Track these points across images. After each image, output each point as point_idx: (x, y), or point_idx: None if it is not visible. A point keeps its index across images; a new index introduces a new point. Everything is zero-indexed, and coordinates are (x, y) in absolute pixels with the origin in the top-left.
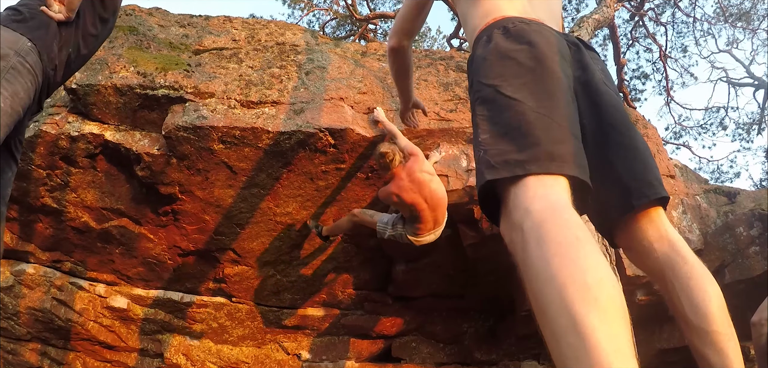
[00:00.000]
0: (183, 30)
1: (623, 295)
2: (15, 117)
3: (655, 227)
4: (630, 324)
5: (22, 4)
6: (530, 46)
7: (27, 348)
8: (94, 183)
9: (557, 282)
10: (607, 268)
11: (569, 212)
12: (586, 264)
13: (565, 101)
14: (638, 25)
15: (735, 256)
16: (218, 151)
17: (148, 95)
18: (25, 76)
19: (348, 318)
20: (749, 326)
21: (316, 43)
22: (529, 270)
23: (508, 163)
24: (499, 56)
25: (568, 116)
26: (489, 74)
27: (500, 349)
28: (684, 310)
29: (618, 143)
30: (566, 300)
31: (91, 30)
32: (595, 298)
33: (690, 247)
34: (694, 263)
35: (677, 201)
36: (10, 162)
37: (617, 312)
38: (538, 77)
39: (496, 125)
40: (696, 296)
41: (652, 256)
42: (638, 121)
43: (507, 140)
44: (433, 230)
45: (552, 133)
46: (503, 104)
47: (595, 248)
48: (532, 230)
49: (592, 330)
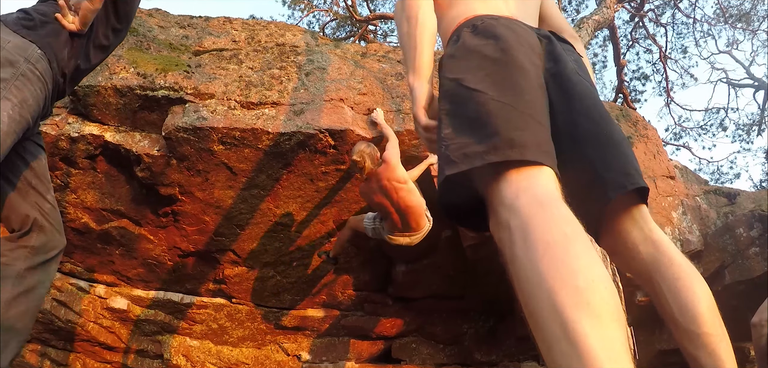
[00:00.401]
0: (183, 31)
1: (618, 294)
2: (23, 124)
3: (639, 228)
4: (626, 326)
5: (33, 9)
6: (496, 40)
7: (27, 349)
8: (94, 184)
9: (547, 285)
10: (600, 267)
11: (557, 206)
12: (576, 265)
13: (531, 90)
14: (638, 26)
15: (735, 257)
16: (218, 152)
17: (148, 96)
18: (35, 83)
19: (348, 319)
20: (749, 327)
21: (316, 44)
22: (518, 273)
23: (468, 156)
24: (465, 52)
25: (533, 105)
26: (453, 69)
27: (500, 350)
28: (673, 312)
29: (592, 133)
30: (557, 304)
31: (102, 41)
32: (587, 302)
33: (690, 248)
34: (681, 264)
35: (677, 202)
36: (38, 150)
37: (611, 315)
38: (501, 68)
39: (457, 118)
40: (684, 297)
41: (638, 258)
42: (638, 122)
43: (468, 133)
44: (407, 234)
45: (513, 121)
46: (465, 97)
47: (586, 245)
48: (518, 229)
49: (585, 337)
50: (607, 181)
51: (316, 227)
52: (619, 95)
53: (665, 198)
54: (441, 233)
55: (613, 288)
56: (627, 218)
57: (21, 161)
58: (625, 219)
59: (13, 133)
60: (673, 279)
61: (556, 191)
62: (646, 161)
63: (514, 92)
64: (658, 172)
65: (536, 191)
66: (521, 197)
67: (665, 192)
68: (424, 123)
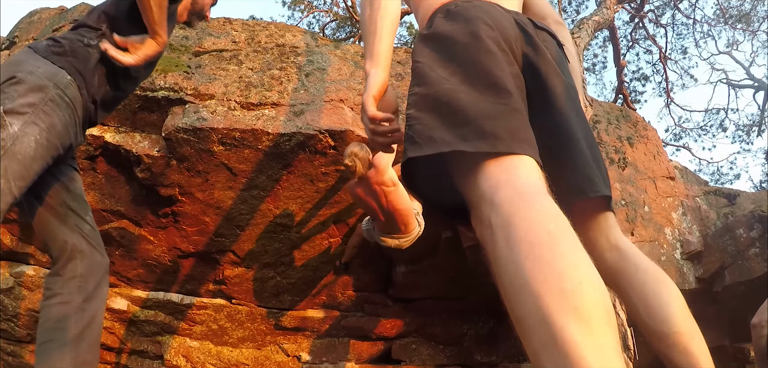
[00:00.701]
0: (183, 31)
1: (608, 296)
2: (52, 151)
3: (604, 237)
4: (617, 328)
5: (63, 37)
6: (467, 23)
7: (27, 350)
8: (94, 185)
9: (531, 289)
10: (587, 266)
11: (540, 200)
12: (561, 266)
13: (504, 77)
14: (638, 26)
15: (735, 258)
16: (218, 153)
17: (148, 96)
18: (64, 109)
19: (348, 319)
20: (749, 328)
21: (316, 45)
22: (501, 275)
23: (434, 140)
24: (436, 36)
25: (506, 92)
26: (422, 53)
27: (500, 351)
28: (642, 316)
29: (559, 130)
30: (543, 310)
31: (132, 71)
32: (575, 307)
33: (690, 248)
34: (647, 269)
35: (677, 203)
36: (74, 173)
37: (601, 319)
38: (473, 53)
39: (425, 99)
40: (652, 300)
41: (603, 267)
42: (638, 123)
43: (434, 116)
44: (395, 236)
45: (484, 110)
46: (433, 79)
47: (572, 242)
48: (499, 227)
49: (575, 345)
50: (569, 184)
51: (316, 227)
52: (619, 95)
53: (665, 199)
54: (441, 234)
55: (603, 288)
56: (592, 225)
57: (58, 184)
58: (589, 226)
59: (41, 158)
60: (640, 285)
61: (539, 181)
62: (646, 162)
63: (487, 79)
64: (658, 173)
65: (517, 184)
66: (501, 191)
67: (665, 193)
68: (370, 113)
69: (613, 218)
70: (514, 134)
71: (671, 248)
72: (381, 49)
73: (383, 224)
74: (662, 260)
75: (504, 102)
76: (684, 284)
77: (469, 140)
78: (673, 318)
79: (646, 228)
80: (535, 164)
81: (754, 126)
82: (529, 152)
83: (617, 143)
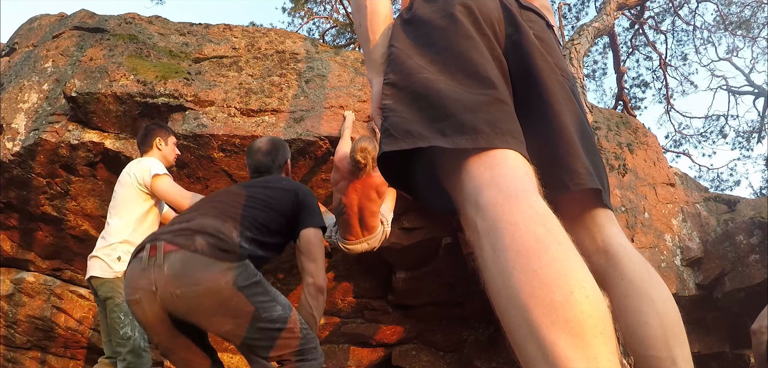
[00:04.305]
0: (183, 38)
1: (603, 301)
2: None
3: (591, 237)
4: (613, 337)
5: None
6: (446, 4)
7: (27, 356)
8: (94, 191)
9: (520, 301)
10: (579, 272)
11: (527, 201)
12: (550, 276)
13: (485, 63)
14: (638, 33)
15: (735, 264)
16: (218, 159)
17: (148, 103)
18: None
19: (348, 326)
20: (749, 334)
21: (316, 52)
22: (489, 285)
23: (411, 134)
24: (414, 20)
25: (487, 80)
26: (399, 38)
27: (500, 357)
28: (623, 333)
29: (542, 114)
30: (532, 324)
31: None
32: (565, 320)
33: (690, 255)
34: (632, 280)
35: (677, 209)
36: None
37: (594, 330)
38: (451, 38)
39: (402, 91)
40: (631, 318)
41: (590, 270)
42: (638, 129)
43: (412, 108)
44: (358, 240)
45: (464, 101)
46: (410, 68)
47: (562, 248)
48: (485, 233)
49: (566, 360)
50: (551, 177)
51: None
52: (619, 102)
53: (665, 205)
54: (441, 240)
55: (597, 294)
56: (578, 224)
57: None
58: (574, 226)
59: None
60: (622, 297)
61: (525, 178)
62: (646, 168)
63: (467, 68)
64: (658, 179)
65: (501, 184)
66: (485, 192)
67: (665, 199)
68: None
69: (604, 216)
70: (495, 127)
71: (671, 255)
72: (378, 57)
73: (348, 226)
74: (662, 266)
75: (485, 92)
76: (684, 290)
77: (448, 135)
78: (650, 341)
79: (646, 234)
80: (522, 158)
81: (754, 132)
82: (514, 145)
83: (617, 150)
